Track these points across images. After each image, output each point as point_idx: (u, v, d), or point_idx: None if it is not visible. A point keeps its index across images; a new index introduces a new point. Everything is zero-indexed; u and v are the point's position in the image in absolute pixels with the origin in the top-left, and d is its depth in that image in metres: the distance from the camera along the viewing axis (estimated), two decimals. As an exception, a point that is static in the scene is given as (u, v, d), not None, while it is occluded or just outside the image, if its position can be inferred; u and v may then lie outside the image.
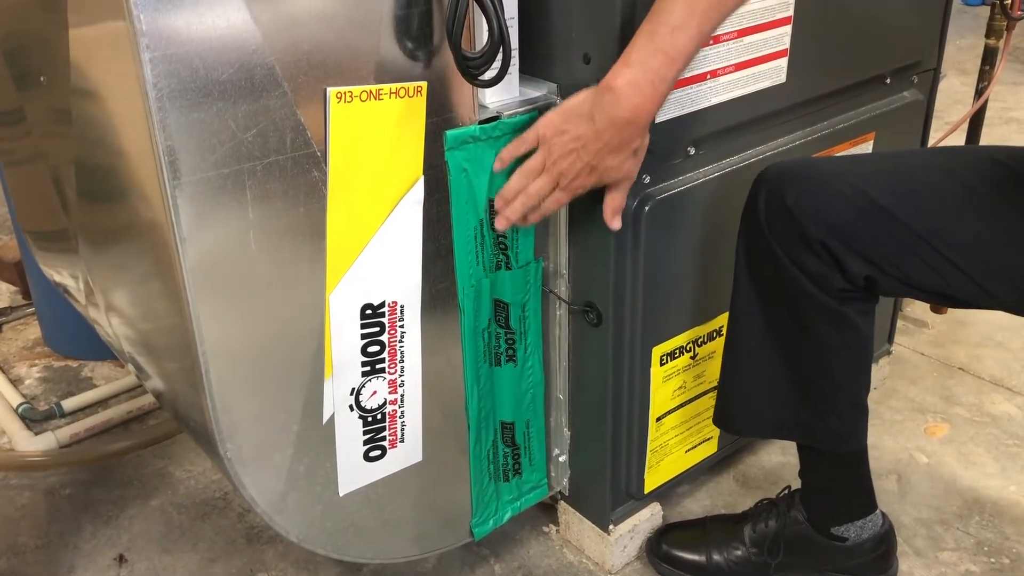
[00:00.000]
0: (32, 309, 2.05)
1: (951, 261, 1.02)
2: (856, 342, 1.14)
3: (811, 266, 1.07)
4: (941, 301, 1.09)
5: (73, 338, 1.92)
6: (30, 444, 1.64)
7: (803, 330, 1.12)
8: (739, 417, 1.24)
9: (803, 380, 1.16)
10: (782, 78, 1.23)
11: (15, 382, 1.87)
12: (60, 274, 1.51)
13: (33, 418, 1.73)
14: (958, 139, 1.97)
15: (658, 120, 1.10)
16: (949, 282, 1.03)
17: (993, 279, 1.02)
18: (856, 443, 1.22)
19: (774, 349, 1.15)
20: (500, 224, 1.07)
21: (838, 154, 1.37)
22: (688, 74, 1.10)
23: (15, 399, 1.77)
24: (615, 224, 1.08)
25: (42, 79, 1.15)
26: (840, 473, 1.26)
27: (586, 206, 1.15)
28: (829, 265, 1.06)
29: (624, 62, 0.94)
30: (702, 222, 1.23)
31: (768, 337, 1.15)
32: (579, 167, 1.00)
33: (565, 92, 1.11)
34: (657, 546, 1.37)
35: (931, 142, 1.64)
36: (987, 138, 1.97)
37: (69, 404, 1.76)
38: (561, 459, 1.36)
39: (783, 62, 1.22)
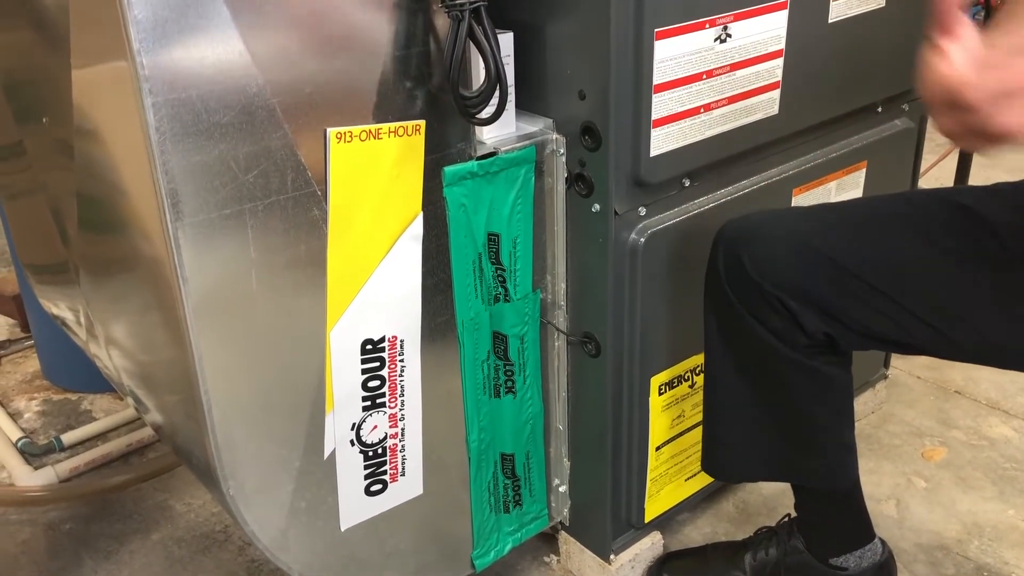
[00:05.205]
0: (31, 342, 2.05)
1: (909, 311, 1.02)
2: (832, 390, 1.13)
3: (774, 323, 1.06)
4: (904, 351, 1.08)
5: (72, 371, 1.92)
6: (30, 479, 1.64)
7: (776, 382, 1.12)
8: (727, 464, 1.25)
9: (784, 426, 1.16)
10: (774, 110, 1.24)
11: (14, 416, 1.87)
12: (59, 307, 1.51)
13: (32, 452, 1.73)
14: (950, 163, 1.99)
15: (653, 154, 1.12)
16: (910, 332, 1.02)
17: (954, 326, 1.01)
18: (846, 479, 1.22)
19: (752, 400, 1.15)
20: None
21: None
22: (682, 108, 1.12)
23: (14, 433, 1.77)
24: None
25: (44, 120, 1.16)
26: (833, 508, 1.26)
27: (583, 241, 1.17)
28: (790, 322, 1.06)
29: None
30: (698, 252, 1.23)
31: (744, 390, 1.15)
32: None
33: (561, 128, 1.13)
34: (658, 575, 1.37)
35: (923, 167, 1.65)
36: (978, 161, 1.99)
37: (68, 438, 1.76)
38: (561, 489, 1.36)
39: (775, 94, 1.23)
